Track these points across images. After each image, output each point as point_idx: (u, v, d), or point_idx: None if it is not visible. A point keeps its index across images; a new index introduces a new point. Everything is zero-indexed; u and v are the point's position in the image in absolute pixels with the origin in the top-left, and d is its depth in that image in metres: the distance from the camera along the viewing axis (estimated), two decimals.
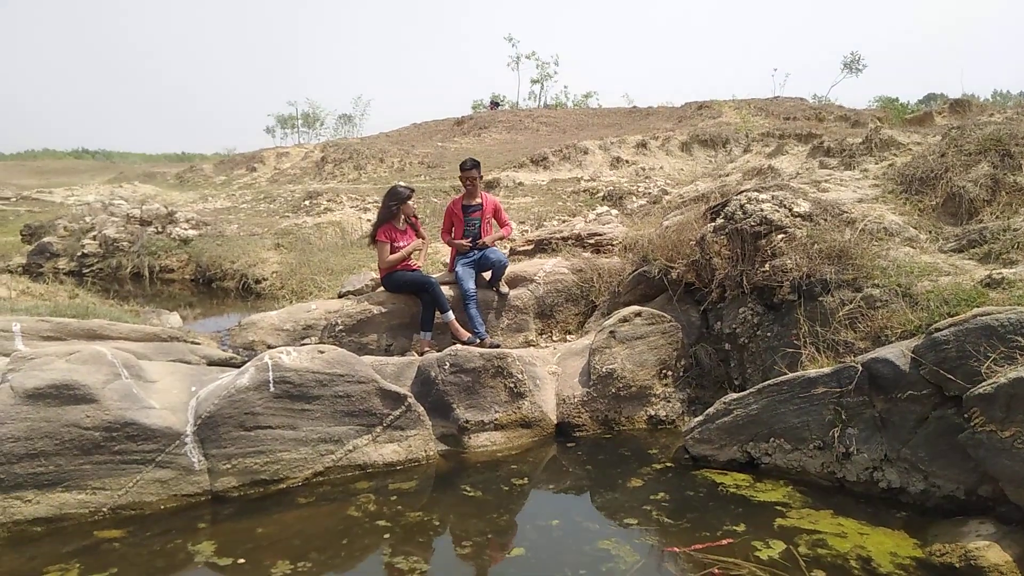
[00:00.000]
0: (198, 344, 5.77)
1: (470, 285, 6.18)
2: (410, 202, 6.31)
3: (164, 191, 20.73)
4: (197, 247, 11.55)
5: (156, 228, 12.14)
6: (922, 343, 3.95)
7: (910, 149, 6.41)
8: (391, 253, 6.15)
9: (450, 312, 6.03)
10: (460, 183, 6.76)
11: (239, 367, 5.20)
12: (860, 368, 4.12)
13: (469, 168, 6.62)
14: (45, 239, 12.47)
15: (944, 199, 5.54)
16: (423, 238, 6.56)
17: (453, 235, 6.62)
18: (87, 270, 11.70)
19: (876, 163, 6.43)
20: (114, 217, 12.39)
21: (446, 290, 6.19)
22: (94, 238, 11.99)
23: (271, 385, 4.46)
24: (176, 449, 4.24)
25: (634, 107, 28.39)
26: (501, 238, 6.84)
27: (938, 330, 3.89)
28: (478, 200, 6.67)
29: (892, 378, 4.01)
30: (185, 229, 12.07)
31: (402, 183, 6.56)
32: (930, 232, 5.34)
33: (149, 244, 11.66)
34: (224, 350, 5.96)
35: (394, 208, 6.21)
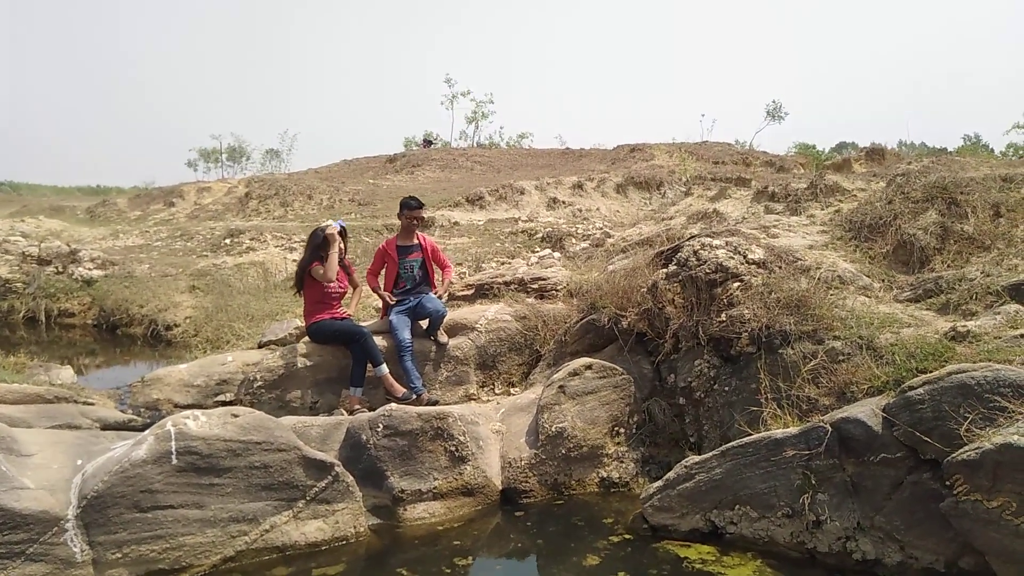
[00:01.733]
0: (91, 404, 5.05)
1: (405, 335, 5.68)
2: (338, 243, 5.76)
3: (72, 226, 19.31)
4: (102, 289, 10.57)
5: (56, 268, 11.10)
6: (894, 402, 3.72)
7: (855, 195, 6.35)
8: (315, 296, 5.65)
9: (383, 365, 5.50)
10: (399, 221, 6.28)
11: (139, 431, 4.54)
12: (829, 429, 3.84)
13: (416, 208, 6.13)
14: None
15: (895, 247, 5.44)
16: (355, 286, 6.05)
17: (384, 279, 6.14)
18: None
19: (822, 209, 6.34)
20: (8, 255, 11.28)
21: (379, 340, 5.67)
22: None
23: (174, 457, 3.84)
24: (53, 538, 3.57)
25: (567, 148, 28.57)
26: (451, 286, 6.43)
27: (911, 388, 3.67)
28: (416, 241, 6.18)
29: (864, 440, 3.75)
30: (89, 269, 11.07)
31: (330, 221, 5.98)
32: (883, 281, 5.21)
33: (47, 285, 10.60)
34: (123, 411, 5.25)
35: (320, 253, 5.68)
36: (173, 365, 5.90)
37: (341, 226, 5.81)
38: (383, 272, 6.16)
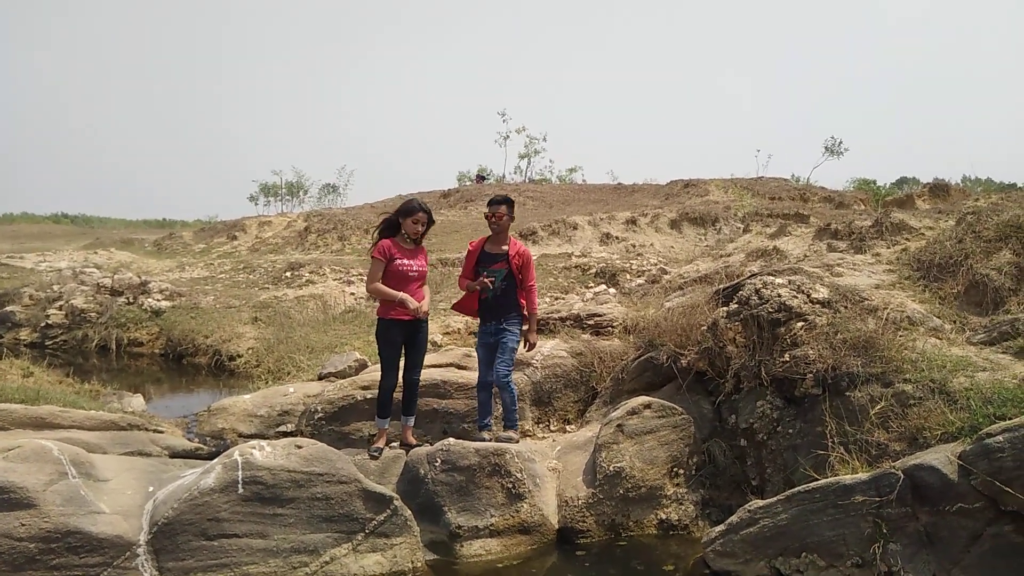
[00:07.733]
0: (161, 432, 5.23)
1: (487, 377, 5.33)
2: (413, 222, 4.96)
3: (140, 258, 20.19)
4: (169, 319, 10.98)
5: (127, 298, 11.58)
6: (971, 449, 3.57)
7: (922, 234, 6.19)
8: (384, 275, 4.89)
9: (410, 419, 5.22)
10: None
11: (206, 459, 4.68)
12: (901, 475, 3.71)
13: (497, 203, 5.16)
14: (7, 308, 11.85)
15: (966, 287, 5.26)
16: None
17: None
18: (50, 342, 11.07)
19: (888, 247, 6.19)
20: (84, 286, 11.83)
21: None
22: (60, 308, 11.40)
23: (240, 486, 3.94)
24: (126, 562, 3.69)
25: (619, 183, 28.60)
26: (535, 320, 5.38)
27: (990, 435, 3.53)
28: (504, 248, 5.20)
29: (938, 488, 3.62)
30: (158, 300, 11.52)
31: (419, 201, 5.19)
32: (955, 322, 5.03)
33: (118, 315, 11.07)
34: (190, 439, 5.41)
35: (393, 219, 4.99)
36: (237, 395, 6.06)
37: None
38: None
